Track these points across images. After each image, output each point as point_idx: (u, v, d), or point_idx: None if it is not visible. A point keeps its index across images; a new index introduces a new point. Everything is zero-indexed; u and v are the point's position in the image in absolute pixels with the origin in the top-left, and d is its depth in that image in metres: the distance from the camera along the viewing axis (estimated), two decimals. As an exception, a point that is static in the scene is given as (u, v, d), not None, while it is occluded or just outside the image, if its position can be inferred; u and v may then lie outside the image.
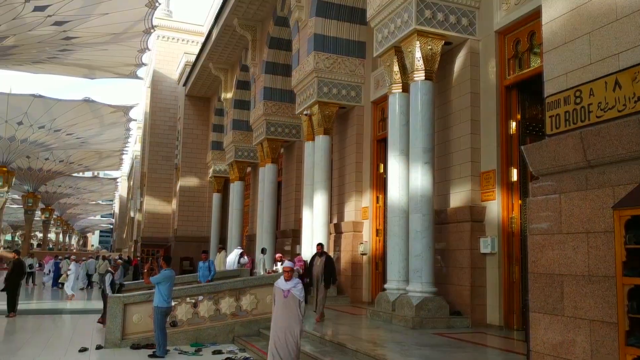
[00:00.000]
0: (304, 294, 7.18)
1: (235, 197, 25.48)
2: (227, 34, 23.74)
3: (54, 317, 15.72)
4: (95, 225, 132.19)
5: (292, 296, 7.06)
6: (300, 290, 7.13)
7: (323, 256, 11.87)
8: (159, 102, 38.49)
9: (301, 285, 7.22)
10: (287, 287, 7.13)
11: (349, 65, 15.71)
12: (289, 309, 7.04)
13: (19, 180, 50.17)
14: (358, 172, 15.68)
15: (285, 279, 7.27)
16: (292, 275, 7.27)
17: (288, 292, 7.09)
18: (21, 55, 28.26)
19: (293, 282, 7.18)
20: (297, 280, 7.25)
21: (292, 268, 7.35)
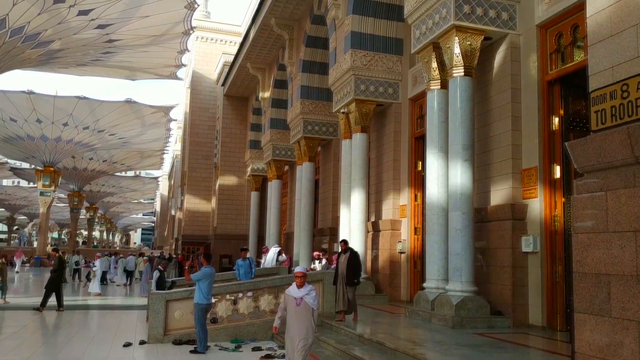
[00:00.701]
0: (317, 301, 6.78)
1: (273, 195, 25.68)
2: (265, 33, 23.92)
3: (100, 313, 16.17)
4: (138, 223, 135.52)
5: (305, 304, 6.63)
6: (314, 297, 6.70)
7: (347, 252, 11.50)
8: (198, 102, 39.12)
9: (315, 292, 6.77)
10: (300, 295, 6.67)
11: (386, 63, 15.62)
12: (301, 318, 6.61)
13: (64, 180, 51.84)
14: (396, 170, 15.58)
15: (297, 285, 6.77)
16: (305, 281, 6.81)
17: (301, 299, 6.65)
18: (66, 58, 29.18)
19: (306, 289, 6.72)
20: (311, 287, 6.79)
21: (305, 273, 6.86)
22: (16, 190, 78.83)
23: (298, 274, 6.79)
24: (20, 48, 25.36)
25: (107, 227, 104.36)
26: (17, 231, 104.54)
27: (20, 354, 9.60)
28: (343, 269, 11.27)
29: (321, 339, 10.04)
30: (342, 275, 11.26)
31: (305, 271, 6.92)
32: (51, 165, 43.58)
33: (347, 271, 11.18)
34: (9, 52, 25.31)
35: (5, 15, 23.04)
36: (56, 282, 15.96)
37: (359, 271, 11.51)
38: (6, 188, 79.88)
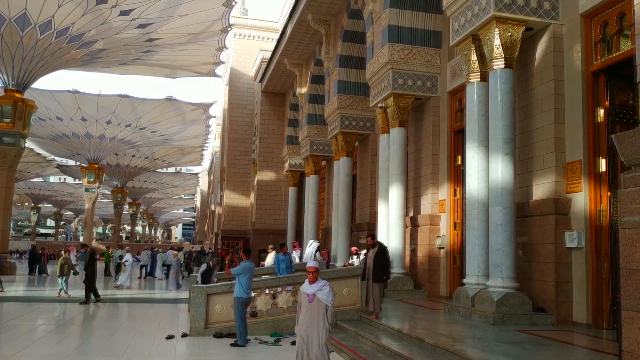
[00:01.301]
0: (331, 297, 6.41)
1: (310, 190, 25.77)
2: (302, 29, 23.98)
3: (142, 305, 16.58)
4: (179, 218, 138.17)
5: (318, 301, 6.32)
6: (327, 293, 6.35)
7: (376, 248, 11.16)
8: (236, 98, 39.54)
9: (328, 288, 6.42)
10: (312, 291, 6.36)
11: (424, 56, 15.44)
12: (314, 316, 6.30)
13: (108, 176, 53.28)
14: (434, 165, 15.42)
15: (309, 281, 6.46)
16: (318, 276, 6.47)
17: (313, 296, 6.33)
18: (109, 57, 29.90)
19: (319, 285, 6.39)
20: (324, 283, 6.44)
21: (317, 268, 6.50)
22: (62, 187, 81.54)
23: (310, 269, 6.49)
24: (65, 49, 26.14)
25: (149, 223, 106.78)
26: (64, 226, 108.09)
27: (68, 346, 9.94)
28: (370, 265, 10.97)
29: (359, 334, 10.05)
30: (369, 272, 10.98)
31: (317, 266, 6.58)
32: (95, 162, 44.85)
33: (374, 267, 10.87)
34: (54, 53, 26.13)
35: (51, 17, 23.79)
36: (90, 276, 16.48)
37: (386, 267, 11.11)
38: (53, 184, 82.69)
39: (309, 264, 6.58)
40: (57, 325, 12.57)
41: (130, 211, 71.85)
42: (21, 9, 23.15)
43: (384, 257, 11.05)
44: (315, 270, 6.45)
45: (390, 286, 14.67)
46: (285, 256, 15.01)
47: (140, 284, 25.21)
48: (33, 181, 74.01)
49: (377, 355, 8.67)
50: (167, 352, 9.47)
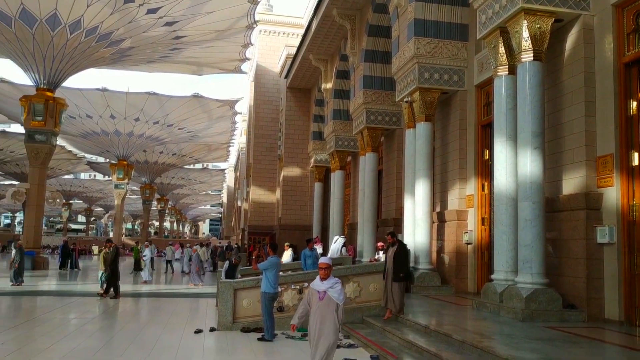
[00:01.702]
0: (343, 295, 6.20)
1: (336, 186, 25.76)
2: (327, 24, 23.93)
3: (170, 300, 16.82)
4: (206, 214, 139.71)
5: (329, 298, 6.09)
6: (338, 291, 6.13)
7: (395, 246, 10.95)
8: (262, 95, 39.71)
9: (340, 285, 6.20)
10: (324, 288, 6.13)
11: (451, 49, 15.26)
12: (324, 314, 6.08)
13: (137, 173, 54.12)
14: (462, 159, 15.25)
15: (320, 278, 6.24)
16: (330, 273, 6.28)
17: (324, 293, 6.11)
18: (136, 55, 30.32)
19: (330, 282, 6.16)
20: (335, 280, 6.23)
21: (329, 265, 6.28)
22: (93, 183, 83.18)
23: (322, 265, 6.26)
24: (94, 47, 26.60)
25: (177, 218, 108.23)
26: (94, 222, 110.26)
27: (99, 339, 10.15)
28: (390, 264, 10.77)
29: (386, 330, 10.03)
30: (388, 271, 10.82)
31: (330, 262, 6.35)
32: (124, 159, 45.61)
33: (394, 266, 10.66)
34: (84, 52, 26.61)
35: (80, 17, 24.22)
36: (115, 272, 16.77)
37: (405, 266, 10.83)
38: (83, 181, 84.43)
39: (322, 260, 6.37)
40: (89, 319, 12.84)
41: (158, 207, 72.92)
42: (52, 9, 23.63)
43: (403, 256, 10.86)
44: (328, 266, 6.25)
45: (417, 282, 14.60)
46: (311, 252, 15.05)
47: (166, 278, 25.57)
48: (64, 178, 75.70)
49: (404, 351, 8.64)
50: (196, 346, 9.60)
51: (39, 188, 27.68)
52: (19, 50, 25.82)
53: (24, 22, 24.16)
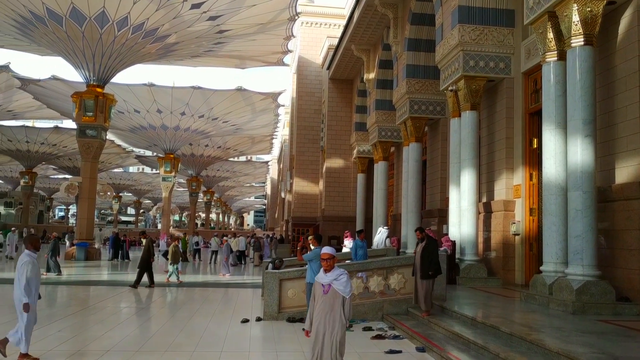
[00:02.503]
0: (350, 288, 5.68)
1: (379, 177, 25.64)
2: (369, 14, 23.75)
3: (217, 290, 17.15)
4: (250, 205, 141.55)
5: (334, 292, 5.61)
6: (344, 283, 5.63)
7: (424, 242, 10.58)
8: (304, 87, 39.81)
9: (346, 277, 5.68)
10: (328, 280, 5.66)
11: (497, 36, 14.89)
12: (329, 309, 5.59)
13: (183, 166, 55.24)
14: (509, 148, 14.91)
15: (324, 269, 5.76)
16: (334, 264, 5.77)
17: (329, 286, 5.64)
18: (181, 50, 30.84)
19: (335, 274, 5.67)
20: (341, 272, 5.70)
21: (332, 255, 5.79)
22: (141, 177, 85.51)
23: (324, 255, 5.76)
24: (141, 43, 27.20)
25: (223, 210, 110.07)
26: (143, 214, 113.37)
27: (150, 328, 10.46)
28: (418, 261, 10.50)
29: (431, 321, 9.95)
30: (416, 268, 10.57)
31: (333, 252, 5.85)
32: (171, 152, 46.59)
33: (422, 263, 10.38)
34: (131, 48, 27.25)
35: (127, 14, 24.81)
36: (146, 262, 17.11)
37: (433, 263, 10.37)
38: (132, 174, 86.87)
39: (324, 250, 5.85)
40: (139, 308, 13.24)
41: (204, 199, 74.24)
42: (100, 7, 24.29)
43: (431, 253, 10.47)
44: (331, 257, 5.76)
45: (463, 273, 14.42)
46: (363, 242, 15.02)
47: (211, 269, 26.06)
48: (114, 171, 78.07)
49: (450, 342, 8.56)
50: (243, 335, 9.78)
51: (90, 181, 28.61)
52: (70, 48, 26.67)
53: (74, 20, 24.92)
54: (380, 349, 8.72)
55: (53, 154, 58.60)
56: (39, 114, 47.62)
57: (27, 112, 46.59)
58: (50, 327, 9.85)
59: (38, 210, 75.69)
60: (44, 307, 12.95)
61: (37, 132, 53.62)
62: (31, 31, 26.39)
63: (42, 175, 71.66)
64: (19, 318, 7.34)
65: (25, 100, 42.13)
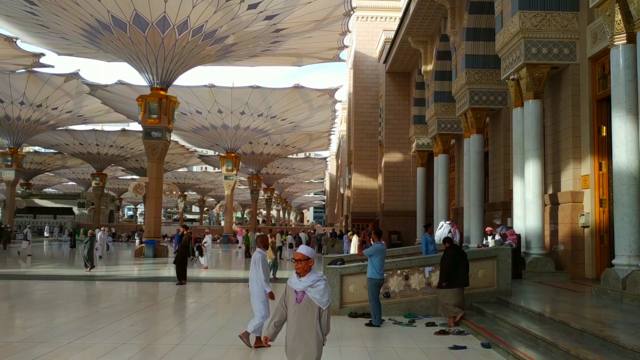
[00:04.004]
0: (327, 297, 4.59)
1: (439, 170, 25.24)
2: (425, 5, 23.39)
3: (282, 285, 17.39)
4: (309, 202, 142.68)
5: (309, 301, 4.57)
6: (321, 291, 4.56)
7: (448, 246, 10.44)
8: (361, 81, 39.69)
9: (324, 284, 4.60)
10: (301, 287, 4.61)
11: (560, 21, 14.32)
12: (302, 322, 4.56)
13: (244, 164, 56.38)
14: (575, 137, 14.33)
15: (297, 273, 4.67)
16: (309, 267, 4.64)
17: (302, 294, 4.60)
18: (240, 51, 31.40)
19: (310, 279, 4.60)
20: (317, 276, 4.62)
21: (306, 256, 4.65)
22: (204, 176, 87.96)
23: (297, 256, 4.67)
24: (201, 46, 27.90)
25: (283, 207, 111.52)
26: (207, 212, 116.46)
27: (216, 322, 10.76)
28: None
29: (497, 317, 9.73)
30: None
31: (308, 253, 4.67)
32: (232, 151, 47.65)
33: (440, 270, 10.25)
34: (192, 51, 28.00)
35: (186, 17, 25.51)
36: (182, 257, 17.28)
37: (448, 273, 10.09)
38: (196, 174, 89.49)
39: (298, 250, 4.76)
40: (206, 303, 13.63)
41: (265, 196, 75.48)
42: (161, 12, 25.09)
43: (445, 261, 10.25)
44: (304, 258, 4.64)
45: (529, 268, 14.01)
46: (431, 237, 14.90)
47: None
48: (179, 171, 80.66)
49: (517, 338, 8.34)
50: (305, 330, 9.87)
51: (157, 181, 29.65)
52: (134, 53, 27.70)
53: (137, 26, 25.86)
54: (444, 345, 8.61)
55: (121, 156, 61.18)
56: (107, 117, 49.84)
57: (96, 116, 48.86)
58: (123, 322, 10.31)
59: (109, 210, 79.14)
60: (118, 302, 13.59)
61: (105, 135, 56.17)
62: (98, 39, 27.60)
63: (111, 176, 74.97)
64: (256, 309, 8.51)
65: (94, 105, 44.21)
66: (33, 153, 67.78)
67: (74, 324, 10.12)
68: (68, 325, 10.02)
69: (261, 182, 62.91)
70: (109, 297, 14.48)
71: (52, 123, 46.99)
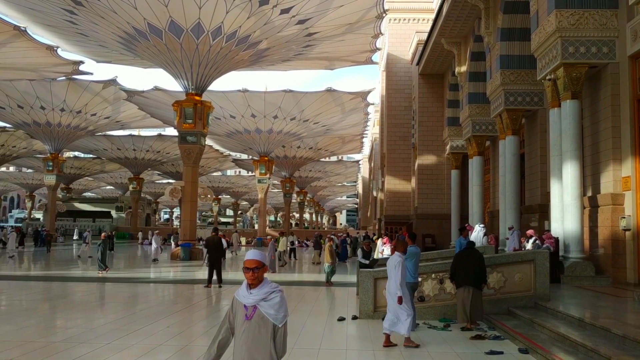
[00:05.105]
0: (284, 312, 3.84)
1: (474, 172, 24.90)
2: (458, 6, 23.15)
3: (312, 288, 17.44)
4: (342, 205, 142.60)
5: (261, 317, 3.82)
6: (276, 305, 3.82)
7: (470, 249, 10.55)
8: (393, 84, 39.51)
9: (279, 296, 3.85)
10: (252, 301, 3.83)
11: (599, 19, 13.97)
12: (253, 342, 3.82)
13: (277, 168, 56.81)
14: (615, 138, 13.95)
15: (248, 283, 3.88)
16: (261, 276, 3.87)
17: (254, 309, 3.83)
18: (272, 55, 31.66)
19: (263, 291, 3.84)
20: (271, 288, 3.86)
21: (260, 262, 3.86)
22: (238, 179, 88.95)
23: (248, 263, 3.86)
24: (234, 51, 28.25)
25: (316, 210, 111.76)
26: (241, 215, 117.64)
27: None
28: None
29: (535, 322, 9.54)
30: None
31: (261, 259, 3.89)
32: (265, 155, 48.04)
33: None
34: (225, 56, 28.37)
35: (220, 23, 25.87)
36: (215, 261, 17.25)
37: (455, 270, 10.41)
38: (230, 177, 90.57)
39: (248, 256, 3.88)
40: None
41: (298, 199, 75.80)
42: (195, 18, 25.51)
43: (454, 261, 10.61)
44: (258, 265, 3.86)
45: (568, 272, 13.69)
46: (466, 240, 14.74)
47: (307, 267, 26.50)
48: (213, 175, 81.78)
49: (555, 344, 8.16)
50: (340, 333, 9.89)
51: (192, 185, 30.10)
52: (169, 59, 28.23)
53: (173, 33, 26.35)
54: (480, 350, 8.49)
55: (157, 160, 62.37)
56: (144, 123, 50.93)
57: (133, 121, 49.97)
58: (160, 323, 10.49)
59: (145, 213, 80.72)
60: (155, 304, 13.85)
61: (142, 140, 57.39)
62: (134, 46, 28.22)
63: (148, 180, 76.51)
64: (392, 309, 8.90)
65: (131, 111, 45.24)
66: (73, 158, 69.74)
67: (112, 325, 10.36)
68: (107, 326, 10.27)
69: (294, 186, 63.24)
70: (146, 299, 14.77)
71: (91, 129, 48.25)
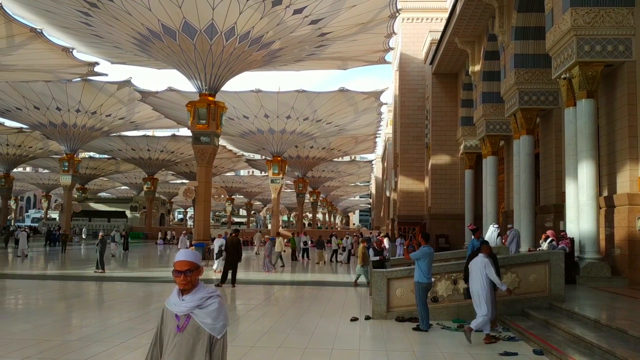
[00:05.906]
0: (222, 321, 3.32)
1: (488, 172, 24.73)
2: (472, 5, 23.02)
3: (325, 288, 17.45)
4: (355, 205, 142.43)
5: (195, 328, 3.29)
6: (213, 313, 3.30)
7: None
8: (407, 83, 39.38)
9: (217, 302, 3.34)
10: (185, 309, 3.30)
11: (615, 17, 13.81)
12: (185, 357, 3.27)
13: (290, 168, 56.87)
14: (632, 137, 13.78)
15: (180, 289, 3.37)
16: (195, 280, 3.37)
17: (187, 319, 3.30)
18: (285, 56, 31.68)
19: (197, 297, 3.32)
20: (209, 292, 3.36)
21: (194, 264, 3.36)
22: (251, 179, 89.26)
23: (178, 265, 3.34)
24: (247, 52, 28.31)
25: (329, 210, 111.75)
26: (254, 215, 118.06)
27: (264, 324, 10.88)
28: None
29: (550, 323, 9.45)
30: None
31: (195, 260, 3.38)
32: (278, 155, 48.11)
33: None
34: (239, 57, 28.45)
35: (233, 24, 25.94)
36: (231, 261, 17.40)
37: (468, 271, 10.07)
38: (243, 177, 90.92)
39: (179, 257, 3.39)
40: (253, 305, 13.81)
41: (311, 199, 75.84)
42: (209, 19, 25.61)
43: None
44: (192, 267, 3.35)
45: (583, 273, 13.55)
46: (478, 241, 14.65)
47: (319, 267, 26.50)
48: (227, 175, 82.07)
49: (570, 345, 8.08)
50: (353, 334, 9.88)
51: (206, 185, 30.22)
52: (183, 60, 28.37)
53: (186, 34, 26.48)
54: (494, 351, 8.44)
55: (171, 161, 62.75)
56: (158, 123, 51.25)
57: (147, 122, 50.32)
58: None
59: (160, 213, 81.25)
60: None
61: (156, 140, 57.76)
62: (149, 47, 28.41)
63: (162, 180, 77.01)
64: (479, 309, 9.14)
65: (145, 111, 45.57)
66: (88, 159, 70.44)
67: (127, 324, 10.45)
68: (121, 325, 10.36)
69: (307, 186, 63.24)
70: (159, 298, 14.85)
71: (106, 129, 48.68)
